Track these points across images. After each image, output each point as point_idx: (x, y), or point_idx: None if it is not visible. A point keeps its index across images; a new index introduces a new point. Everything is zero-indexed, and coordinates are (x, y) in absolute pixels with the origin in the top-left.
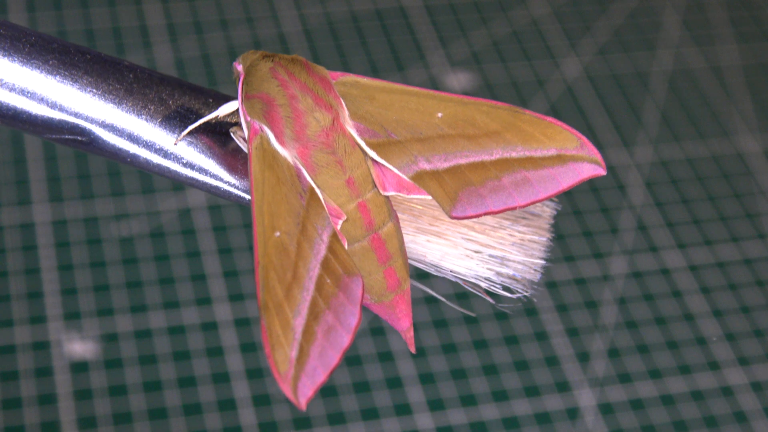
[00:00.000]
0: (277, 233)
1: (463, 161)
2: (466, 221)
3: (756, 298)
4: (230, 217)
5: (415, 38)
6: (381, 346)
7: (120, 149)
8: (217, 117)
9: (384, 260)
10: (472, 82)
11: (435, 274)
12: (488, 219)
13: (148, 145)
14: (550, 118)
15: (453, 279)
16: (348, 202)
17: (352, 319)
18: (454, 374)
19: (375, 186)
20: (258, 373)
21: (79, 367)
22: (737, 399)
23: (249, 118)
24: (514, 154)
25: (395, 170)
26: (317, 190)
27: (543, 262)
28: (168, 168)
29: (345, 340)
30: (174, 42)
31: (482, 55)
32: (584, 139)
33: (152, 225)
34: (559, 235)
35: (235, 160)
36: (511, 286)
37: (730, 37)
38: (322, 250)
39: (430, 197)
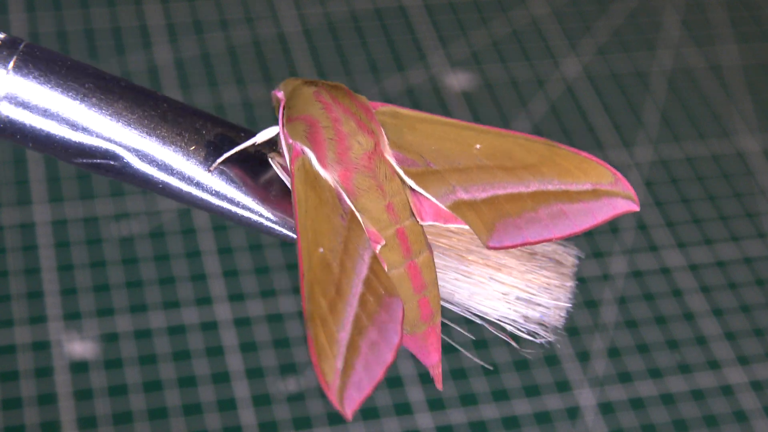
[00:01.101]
0: (321, 249)
1: (500, 192)
2: (492, 262)
3: (756, 297)
4: None
5: (416, 38)
6: None
7: (152, 177)
8: (254, 144)
9: (419, 289)
10: (472, 82)
11: (460, 313)
12: (514, 262)
13: (181, 174)
14: (585, 153)
15: (477, 320)
16: (387, 227)
17: (395, 336)
18: (454, 374)
19: (413, 215)
20: (258, 372)
21: (79, 367)
22: (737, 398)
23: (291, 140)
24: (550, 187)
25: (433, 199)
26: (357, 214)
27: (569, 306)
28: (200, 198)
29: (388, 356)
30: (174, 42)
31: (482, 55)
32: (619, 174)
33: (152, 225)
34: None
35: (266, 192)
36: (536, 331)
37: (730, 37)
38: (364, 269)
39: (467, 227)
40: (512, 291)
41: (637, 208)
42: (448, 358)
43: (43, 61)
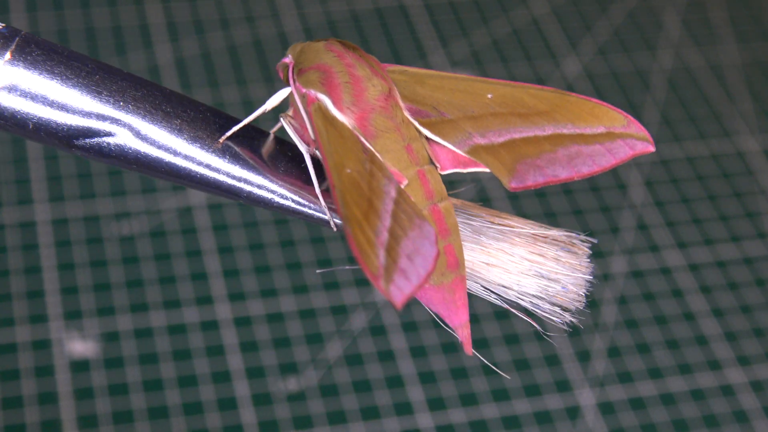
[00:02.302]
0: (348, 170)
1: (517, 136)
2: (506, 240)
3: (756, 297)
4: (231, 216)
5: (416, 37)
6: (382, 345)
7: (154, 156)
8: (265, 111)
9: (444, 234)
10: None
11: (476, 291)
12: (529, 246)
13: (187, 153)
14: (596, 100)
15: (494, 299)
16: (408, 167)
17: (431, 249)
18: (454, 373)
19: (431, 162)
20: (258, 372)
21: (80, 366)
22: (737, 398)
23: (304, 90)
24: (565, 131)
25: (450, 146)
26: (377, 155)
27: (591, 278)
28: (211, 177)
29: (429, 261)
30: (174, 41)
31: (483, 55)
32: (631, 117)
33: (152, 224)
34: None
35: (276, 167)
36: (555, 312)
37: (730, 37)
38: (392, 192)
39: (488, 170)
40: (533, 266)
41: (653, 149)
42: (448, 357)
43: (44, 45)
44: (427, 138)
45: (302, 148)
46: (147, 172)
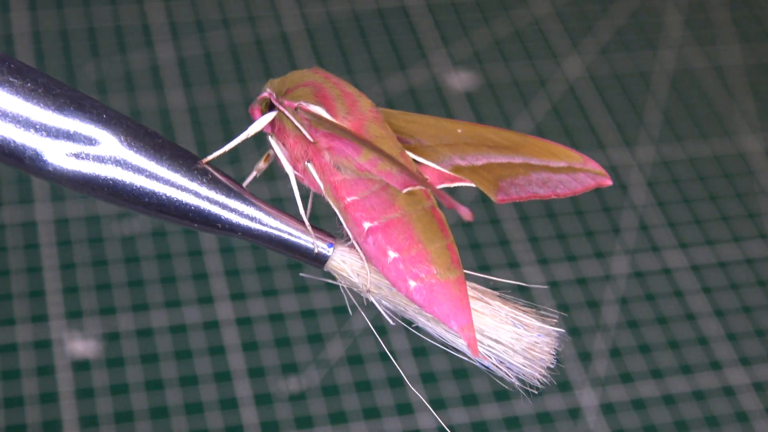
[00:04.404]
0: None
1: (494, 160)
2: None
3: (757, 298)
4: None
5: (417, 37)
6: (382, 345)
7: (138, 186)
8: (248, 136)
9: (446, 234)
10: (473, 81)
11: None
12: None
13: (169, 177)
14: (552, 142)
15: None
16: None
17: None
18: (455, 373)
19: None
20: (260, 372)
21: (81, 366)
22: (739, 399)
23: (296, 103)
24: (533, 162)
25: (434, 165)
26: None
27: (561, 330)
28: (192, 204)
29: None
30: (176, 41)
31: (484, 55)
32: (586, 156)
33: (154, 223)
34: (561, 235)
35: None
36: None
37: (732, 37)
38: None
39: (473, 185)
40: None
41: (610, 182)
42: (449, 357)
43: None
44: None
45: (289, 171)
46: (126, 201)
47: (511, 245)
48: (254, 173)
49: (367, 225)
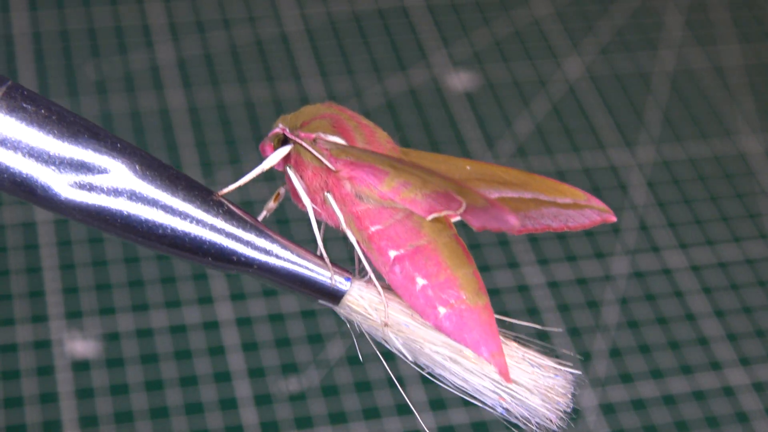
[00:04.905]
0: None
1: (506, 195)
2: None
3: (758, 298)
4: None
5: (418, 38)
6: (382, 345)
7: (149, 219)
8: (263, 170)
9: (471, 261)
10: (474, 82)
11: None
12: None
13: (182, 214)
14: (556, 180)
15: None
16: None
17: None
18: None
19: None
20: (260, 372)
21: (81, 366)
22: (739, 399)
23: (313, 135)
24: (542, 197)
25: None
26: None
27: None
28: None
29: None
30: (176, 41)
31: (484, 55)
32: (589, 194)
33: None
34: (561, 235)
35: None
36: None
37: (733, 37)
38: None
39: None
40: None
41: (614, 219)
42: None
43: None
44: None
45: (307, 203)
46: (136, 236)
47: (511, 245)
48: (264, 212)
49: (393, 253)
